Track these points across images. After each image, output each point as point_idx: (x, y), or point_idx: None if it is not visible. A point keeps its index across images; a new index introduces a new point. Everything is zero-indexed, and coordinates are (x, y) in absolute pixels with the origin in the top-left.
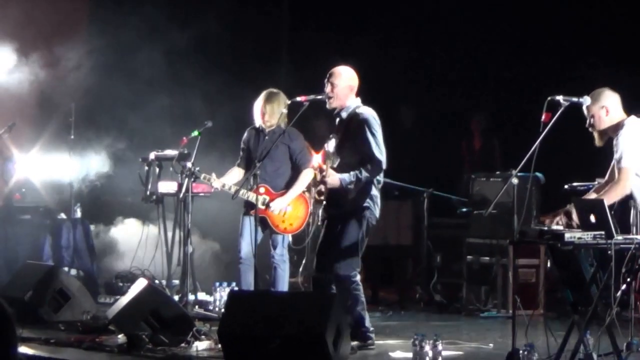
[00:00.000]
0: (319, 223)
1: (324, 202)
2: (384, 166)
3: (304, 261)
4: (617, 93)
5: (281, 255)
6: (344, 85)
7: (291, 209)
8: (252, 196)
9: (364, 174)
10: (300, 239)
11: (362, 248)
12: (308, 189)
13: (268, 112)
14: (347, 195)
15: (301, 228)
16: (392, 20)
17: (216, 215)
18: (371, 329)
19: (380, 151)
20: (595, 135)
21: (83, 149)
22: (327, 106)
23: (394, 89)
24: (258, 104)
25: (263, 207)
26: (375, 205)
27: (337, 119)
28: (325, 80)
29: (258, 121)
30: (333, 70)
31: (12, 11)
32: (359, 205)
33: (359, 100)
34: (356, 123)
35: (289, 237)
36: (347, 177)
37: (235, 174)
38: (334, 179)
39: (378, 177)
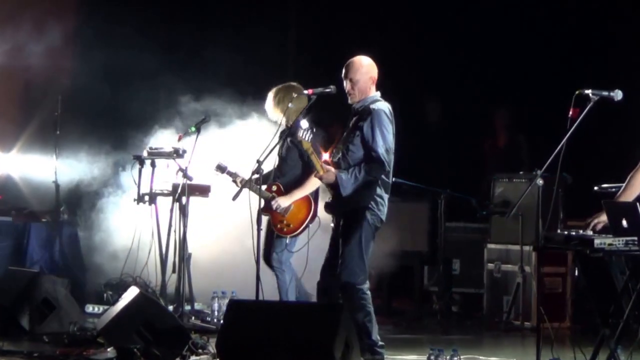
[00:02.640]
0: (332, 224)
1: (327, 201)
2: (388, 167)
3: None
4: None
5: (280, 263)
6: (364, 79)
7: (293, 208)
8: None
9: (362, 173)
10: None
11: (367, 252)
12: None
13: (272, 108)
14: (344, 194)
15: (298, 231)
16: (409, 9)
17: None
18: (379, 342)
19: (386, 149)
20: None
21: (70, 145)
22: (349, 101)
23: (412, 83)
24: (269, 97)
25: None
26: (379, 206)
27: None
28: (343, 75)
29: (272, 117)
30: (350, 63)
31: None
32: (359, 205)
33: (378, 93)
34: (367, 117)
35: (289, 242)
36: (345, 174)
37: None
38: (330, 175)
39: (383, 176)
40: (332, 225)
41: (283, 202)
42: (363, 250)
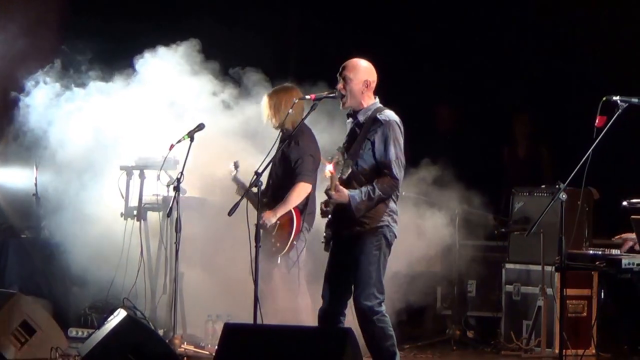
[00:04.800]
0: (322, 242)
1: (329, 218)
2: (400, 184)
3: None
4: None
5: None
6: (359, 81)
7: (278, 225)
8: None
9: (377, 192)
10: None
11: (384, 273)
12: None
13: (269, 113)
14: (358, 214)
15: (285, 250)
16: (424, 11)
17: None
18: None
19: (399, 166)
20: None
21: (52, 155)
22: (341, 106)
23: (425, 87)
24: (264, 99)
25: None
26: (393, 222)
27: (350, 121)
28: (338, 74)
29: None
30: (346, 63)
31: None
32: (375, 224)
33: (377, 100)
34: (377, 128)
35: (280, 262)
36: (358, 195)
37: None
38: (342, 195)
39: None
40: (322, 242)
41: (269, 218)
42: (380, 271)
